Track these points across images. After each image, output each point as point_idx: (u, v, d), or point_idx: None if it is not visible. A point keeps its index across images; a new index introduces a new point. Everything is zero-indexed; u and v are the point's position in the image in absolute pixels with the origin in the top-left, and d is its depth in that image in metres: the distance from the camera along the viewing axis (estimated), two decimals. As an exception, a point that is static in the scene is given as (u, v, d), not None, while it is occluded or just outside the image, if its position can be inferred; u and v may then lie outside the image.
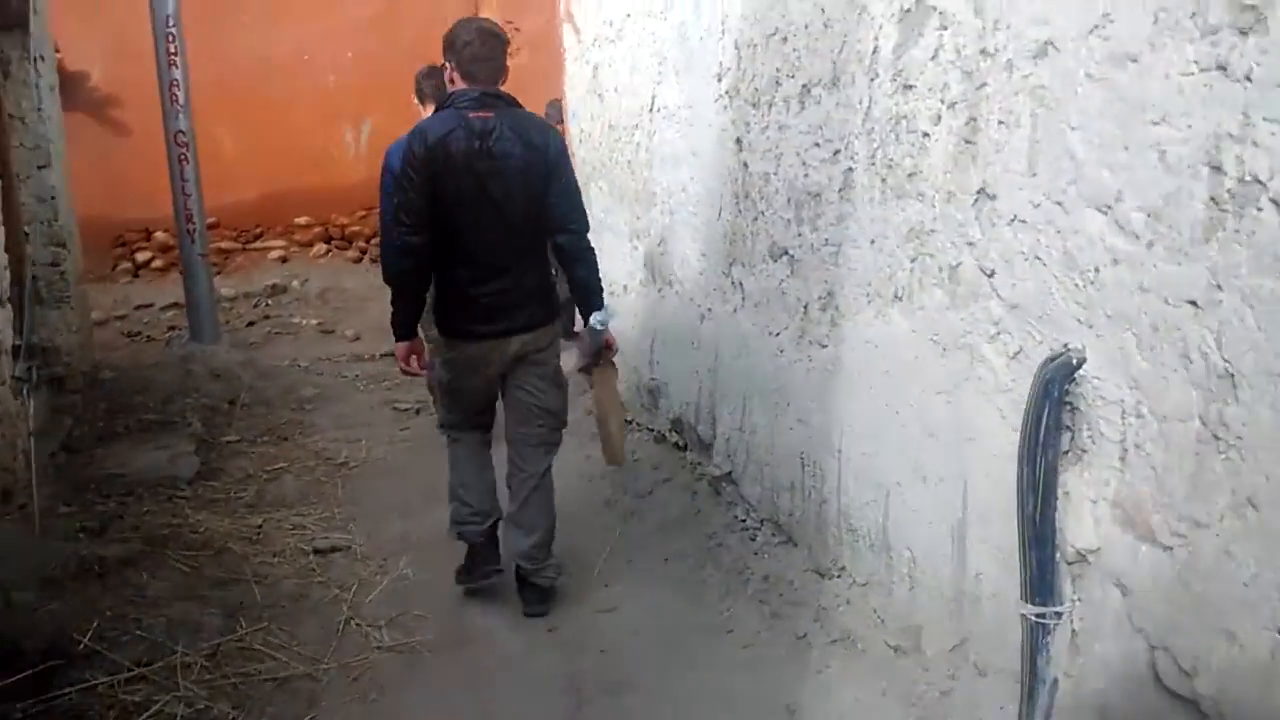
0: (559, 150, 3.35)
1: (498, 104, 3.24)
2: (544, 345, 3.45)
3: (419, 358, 3.51)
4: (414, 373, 3.57)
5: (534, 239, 3.37)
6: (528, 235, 3.34)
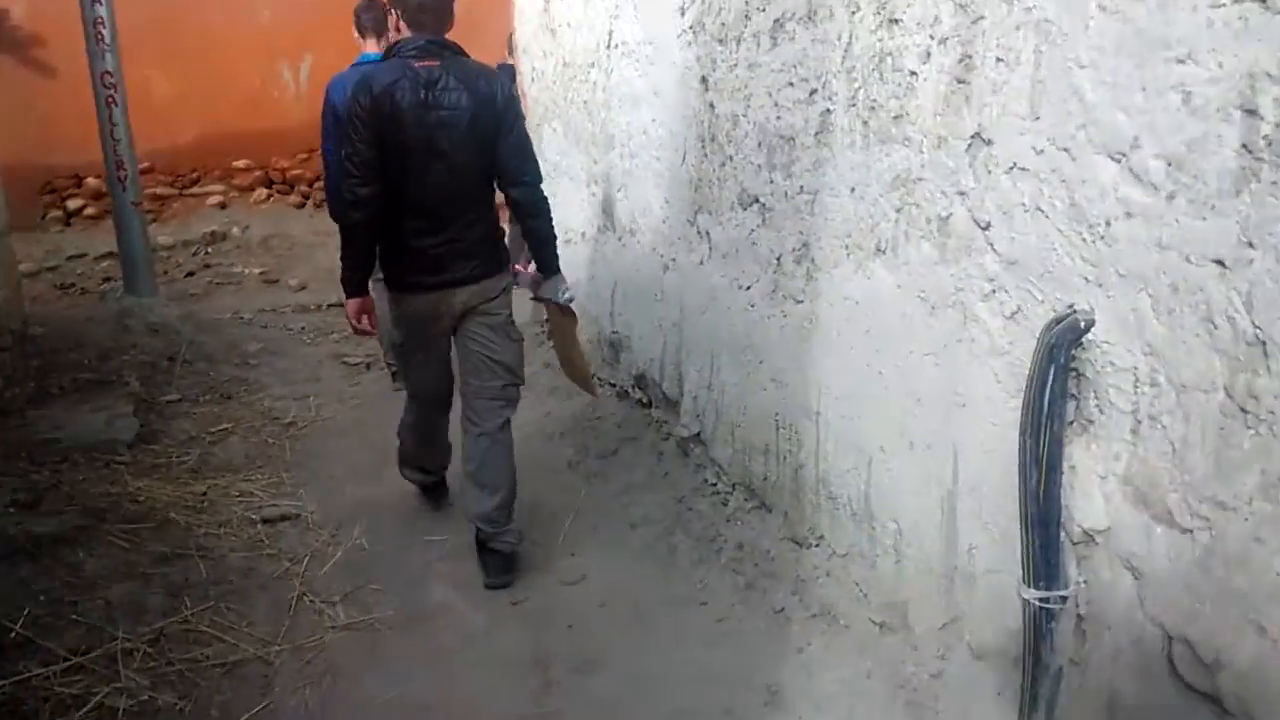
0: (507, 99, 3.28)
1: (444, 53, 3.19)
2: (492, 296, 3.39)
3: (370, 316, 3.45)
4: (366, 331, 3.51)
5: (481, 189, 3.33)
6: (475, 185, 3.29)
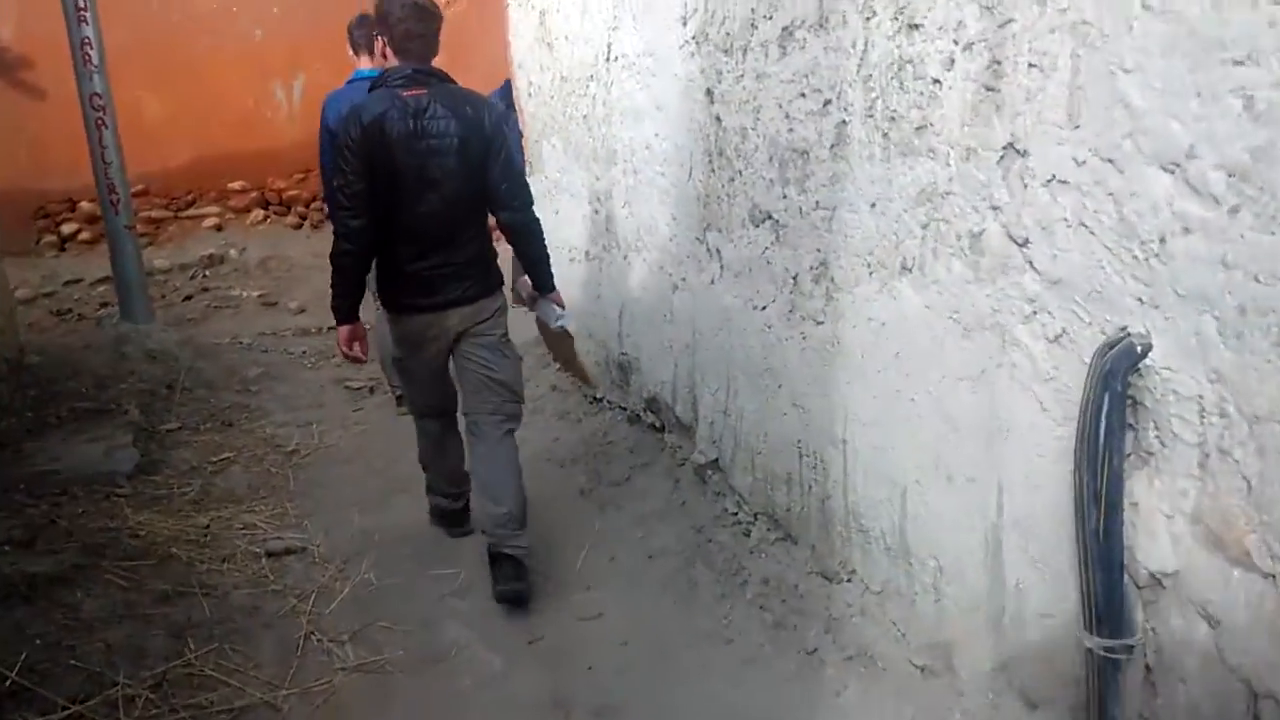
0: (495, 122, 3.32)
1: (430, 80, 3.25)
2: (486, 316, 3.42)
3: (361, 343, 3.47)
4: (356, 358, 3.49)
5: (473, 213, 3.36)
6: (467, 210, 3.32)
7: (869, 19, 2.40)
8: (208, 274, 8.34)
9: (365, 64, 4.54)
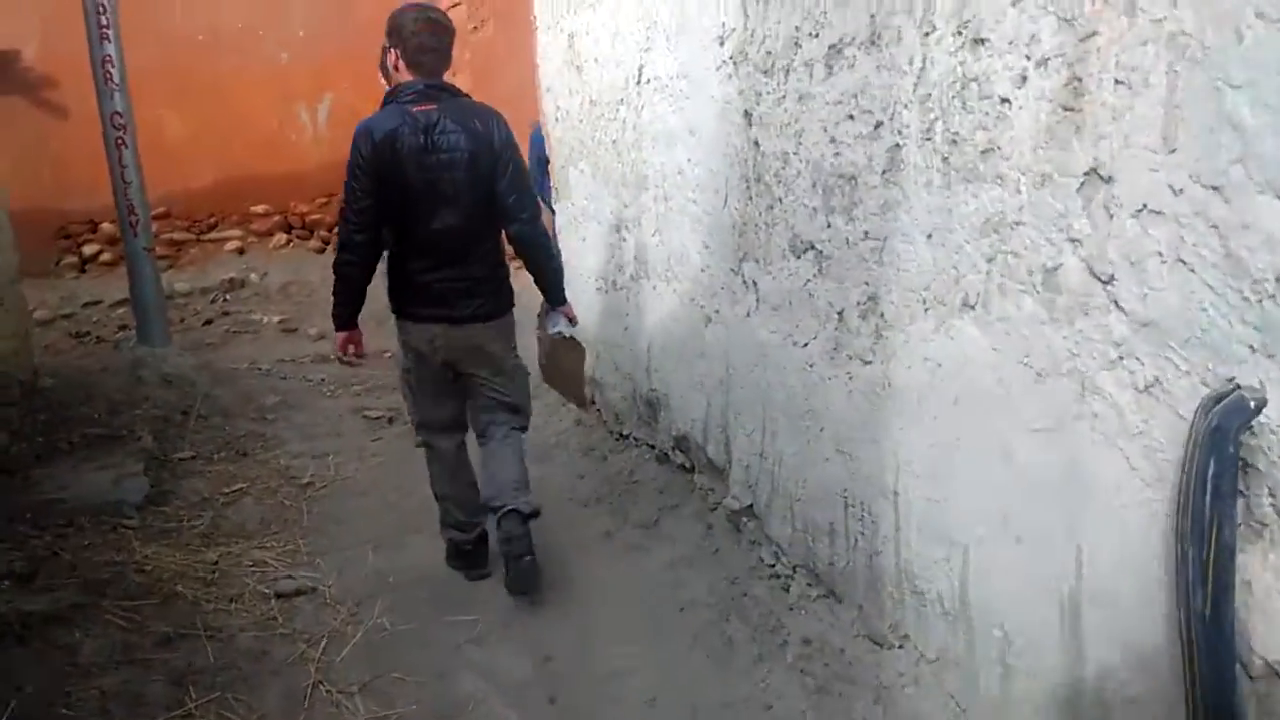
0: (505, 137, 3.33)
1: (441, 95, 3.27)
2: (494, 338, 3.47)
3: (357, 347, 3.55)
4: (351, 362, 3.61)
5: (485, 228, 3.38)
6: (479, 224, 3.35)
7: (928, 34, 2.21)
8: (228, 298, 8.29)
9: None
